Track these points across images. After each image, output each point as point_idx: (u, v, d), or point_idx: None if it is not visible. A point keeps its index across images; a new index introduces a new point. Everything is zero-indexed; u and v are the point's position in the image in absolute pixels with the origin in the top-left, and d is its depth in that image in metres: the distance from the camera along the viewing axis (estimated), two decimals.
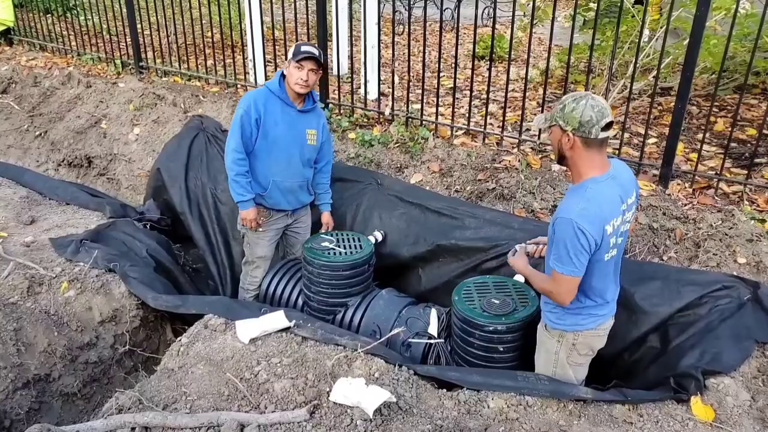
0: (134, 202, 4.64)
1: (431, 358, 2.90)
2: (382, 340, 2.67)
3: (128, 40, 5.86)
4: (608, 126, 2.07)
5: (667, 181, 3.29)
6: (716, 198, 3.18)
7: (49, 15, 6.89)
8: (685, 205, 3.14)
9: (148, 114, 5.11)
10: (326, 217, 3.54)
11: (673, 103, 3.30)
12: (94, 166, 5.20)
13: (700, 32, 2.99)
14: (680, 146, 3.54)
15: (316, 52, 3.07)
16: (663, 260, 2.93)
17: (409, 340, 2.93)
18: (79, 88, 5.66)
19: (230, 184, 3.17)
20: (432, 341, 2.91)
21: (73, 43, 6.51)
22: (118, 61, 5.94)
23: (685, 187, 3.28)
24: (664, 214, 3.09)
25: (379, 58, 4.39)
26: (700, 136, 3.65)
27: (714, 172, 3.33)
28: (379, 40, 4.32)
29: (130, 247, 3.54)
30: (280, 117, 3.15)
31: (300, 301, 3.37)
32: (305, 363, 2.46)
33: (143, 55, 5.85)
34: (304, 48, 3.06)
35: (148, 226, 3.93)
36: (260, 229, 3.33)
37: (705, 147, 3.50)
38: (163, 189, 4.20)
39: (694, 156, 3.42)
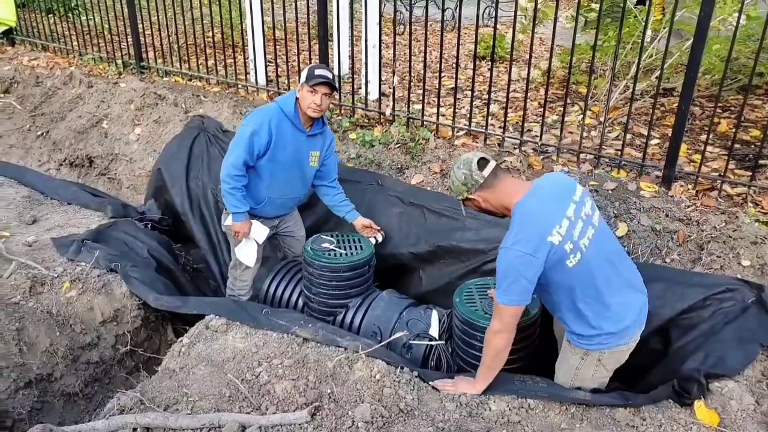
0: (135, 202, 4.64)
1: (432, 359, 2.89)
2: (384, 343, 2.66)
3: (129, 40, 5.85)
4: (483, 162, 2.21)
5: (670, 182, 3.27)
6: (720, 200, 3.16)
7: (51, 15, 6.89)
8: (689, 206, 3.12)
9: (149, 114, 5.11)
10: (360, 224, 3.40)
11: (676, 104, 3.29)
12: (96, 165, 5.21)
13: (704, 32, 2.97)
14: (683, 147, 3.52)
15: (330, 75, 2.97)
16: (666, 262, 2.92)
17: (410, 341, 2.92)
18: (81, 88, 5.67)
19: (225, 195, 3.10)
20: (433, 343, 2.90)
21: (75, 43, 6.50)
22: (119, 61, 5.94)
23: (688, 189, 3.26)
24: (667, 215, 3.07)
25: (380, 58, 4.38)
26: (703, 137, 3.63)
27: (717, 174, 3.31)
28: (380, 40, 4.31)
29: (132, 248, 3.54)
30: (290, 141, 3.09)
31: (300, 302, 3.36)
32: (306, 364, 2.45)
33: (144, 55, 5.85)
34: (318, 72, 2.94)
35: (149, 226, 3.92)
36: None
37: (708, 148, 3.48)
38: (164, 189, 4.19)
39: (697, 157, 3.40)
